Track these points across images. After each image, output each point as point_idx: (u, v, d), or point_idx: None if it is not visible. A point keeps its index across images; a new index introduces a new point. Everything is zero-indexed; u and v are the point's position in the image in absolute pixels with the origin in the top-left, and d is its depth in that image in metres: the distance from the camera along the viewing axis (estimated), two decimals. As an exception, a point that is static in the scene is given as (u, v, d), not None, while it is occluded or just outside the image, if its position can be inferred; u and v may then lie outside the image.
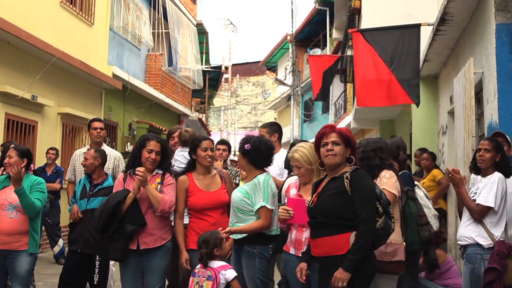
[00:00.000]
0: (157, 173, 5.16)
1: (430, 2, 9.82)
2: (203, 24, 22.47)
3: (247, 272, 4.71)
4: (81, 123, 12.40)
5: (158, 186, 5.05)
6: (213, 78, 27.66)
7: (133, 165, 5.14)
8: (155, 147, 5.10)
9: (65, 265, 6.02)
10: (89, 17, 12.86)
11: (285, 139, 28.48)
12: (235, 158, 14.86)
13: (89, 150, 6.22)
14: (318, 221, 3.94)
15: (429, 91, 9.94)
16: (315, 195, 4.06)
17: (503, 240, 4.59)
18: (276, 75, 34.45)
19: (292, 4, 26.25)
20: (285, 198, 4.90)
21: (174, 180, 5.19)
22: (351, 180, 3.85)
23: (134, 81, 14.84)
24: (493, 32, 5.90)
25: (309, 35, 26.38)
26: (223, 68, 30.83)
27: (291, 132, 26.78)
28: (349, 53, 13.96)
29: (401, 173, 5.71)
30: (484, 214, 4.68)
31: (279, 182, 5.43)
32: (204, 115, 28.03)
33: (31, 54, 10.43)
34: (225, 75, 35.52)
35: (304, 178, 4.68)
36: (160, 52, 17.33)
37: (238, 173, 6.61)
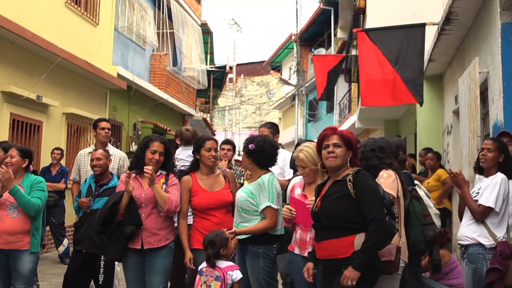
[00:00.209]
0: (161, 173, 5.16)
1: (435, 1, 9.80)
2: (208, 24, 22.49)
3: (252, 272, 4.71)
4: (86, 123, 12.43)
5: (163, 186, 5.06)
6: (218, 78, 27.67)
7: (137, 166, 5.15)
8: (158, 148, 5.10)
9: (70, 265, 6.02)
10: (94, 17, 12.88)
11: (289, 139, 28.56)
12: (240, 158, 14.86)
13: (98, 150, 6.19)
14: (323, 224, 3.95)
15: (434, 90, 9.92)
16: (318, 198, 4.06)
17: (505, 241, 4.58)
18: (281, 75, 34.46)
19: (297, 3, 26.24)
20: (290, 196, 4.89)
21: (178, 180, 5.20)
22: (354, 182, 3.85)
23: (138, 81, 14.85)
24: (498, 31, 5.88)
25: (313, 34, 26.38)
26: (227, 68, 30.88)
27: (295, 132, 26.78)
28: (353, 52, 13.95)
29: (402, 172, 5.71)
30: (486, 214, 4.67)
31: (283, 182, 5.42)
32: (208, 115, 28.05)
33: (36, 54, 10.45)
34: (229, 75, 35.57)
35: (309, 178, 4.67)
36: (165, 52, 17.34)
37: (243, 173, 6.62)
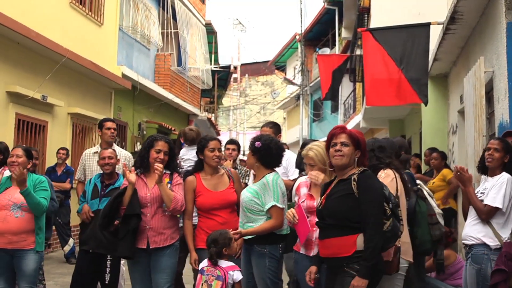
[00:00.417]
0: (165, 173, 5.17)
1: (440, 1, 9.79)
2: (212, 24, 22.49)
3: (257, 272, 4.71)
4: (91, 123, 12.45)
5: (168, 186, 5.06)
6: (222, 77, 27.68)
7: (141, 165, 5.16)
8: (163, 147, 5.11)
9: (77, 265, 6.03)
10: (99, 17, 12.90)
11: (294, 139, 28.55)
12: (245, 158, 14.86)
13: (108, 149, 6.20)
14: (326, 222, 3.95)
15: (439, 90, 9.90)
16: (323, 197, 4.07)
17: (511, 242, 4.56)
18: (285, 74, 34.43)
19: (301, 3, 26.22)
20: (295, 197, 4.89)
21: (182, 180, 5.22)
22: (358, 182, 3.85)
23: (143, 81, 14.87)
24: (503, 30, 5.87)
25: (318, 34, 26.36)
26: (232, 67, 30.86)
27: (300, 132, 26.76)
28: (358, 52, 13.93)
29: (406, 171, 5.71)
30: (492, 214, 4.66)
31: (288, 182, 5.42)
32: (213, 114, 28.06)
33: (41, 55, 10.47)
34: (234, 75, 35.56)
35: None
36: (169, 52, 17.36)
37: (248, 172, 6.62)
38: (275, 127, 6.39)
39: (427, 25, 8.00)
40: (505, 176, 4.69)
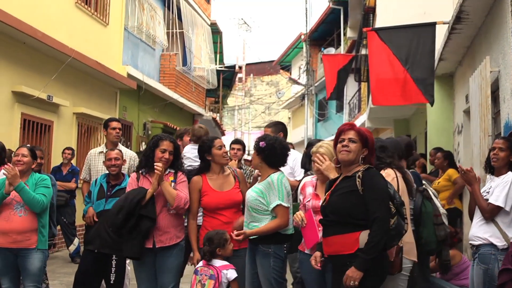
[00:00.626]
0: (169, 172, 5.18)
1: (446, 0, 9.76)
2: (217, 23, 22.50)
3: (262, 272, 4.71)
4: (96, 122, 12.48)
5: (172, 184, 5.07)
6: (227, 77, 27.69)
7: (146, 165, 5.17)
8: (168, 146, 5.12)
9: (80, 264, 6.04)
10: (104, 17, 12.93)
11: (299, 139, 28.53)
12: (249, 158, 14.86)
13: (115, 150, 6.21)
14: (329, 219, 3.95)
15: (444, 90, 9.87)
16: (327, 193, 4.06)
17: None
18: (290, 74, 34.42)
19: (306, 3, 26.21)
20: (300, 195, 4.89)
21: (186, 178, 5.22)
22: (363, 179, 3.84)
23: (148, 81, 14.89)
24: (509, 30, 5.85)
25: (323, 34, 26.32)
26: (237, 67, 30.85)
27: (305, 132, 26.75)
28: (363, 52, 13.90)
29: (410, 172, 5.69)
30: (495, 213, 4.64)
31: (293, 183, 5.41)
32: (218, 114, 28.07)
33: (46, 54, 10.50)
34: (239, 75, 35.55)
35: (323, 175, 4.66)
36: (175, 52, 17.38)
37: (253, 172, 6.61)
38: (275, 127, 6.32)
39: (433, 24, 7.98)
40: (510, 176, 4.67)
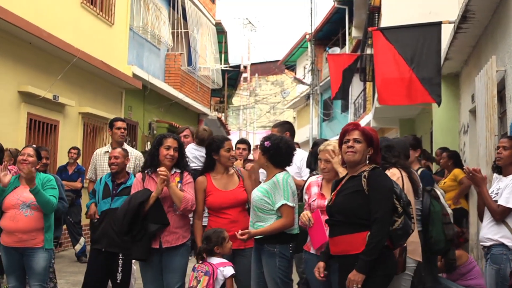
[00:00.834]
0: (175, 172, 5.18)
1: (451, -1, 9.73)
2: (222, 23, 22.51)
3: (268, 272, 4.71)
4: (101, 122, 12.50)
5: (178, 185, 5.07)
6: (232, 77, 27.70)
7: (151, 164, 5.17)
8: (172, 143, 5.12)
9: (90, 264, 6.04)
10: (109, 17, 12.95)
11: (304, 138, 28.51)
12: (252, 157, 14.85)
13: (116, 149, 6.22)
14: (336, 219, 3.94)
15: (450, 89, 9.84)
16: (333, 193, 4.06)
17: None
18: (295, 74, 34.41)
19: (311, 2, 26.22)
20: (305, 195, 4.88)
21: (192, 178, 5.22)
22: (368, 179, 3.84)
23: (153, 80, 14.91)
24: (516, 29, 5.83)
25: (328, 33, 26.31)
26: (242, 67, 30.85)
27: (310, 131, 26.73)
28: (368, 51, 13.89)
29: (421, 171, 5.68)
30: (506, 215, 4.62)
31: (299, 182, 5.41)
32: (223, 114, 28.09)
33: (52, 54, 10.53)
34: (244, 74, 35.55)
35: (330, 174, 4.66)
36: (180, 51, 17.40)
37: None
38: (281, 127, 6.29)
39: (439, 24, 7.95)
40: None
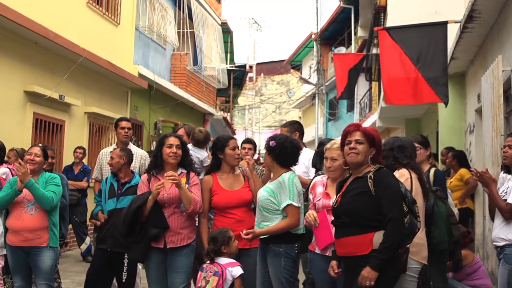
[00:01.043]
0: (181, 172, 5.18)
1: (457, -1, 9.71)
2: (228, 23, 22.53)
3: (273, 271, 4.71)
4: (107, 122, 12.52)
5: (186, 186, 5.07)
6: (238, 77, 27.72)
7: (155, 165, 5.19)
8: (174, 141, 5.13)
9: (93, 263, 6.06)
10: (115, 17, 12.97)
11: (309, 138, 28.46)
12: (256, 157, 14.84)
13: (115, 149, 6.27)
14: (342, 221, 3.94)
15: (456, 89, 9.82)
16: (339, 194, 4.05)
17: None
18: (301, 73, 34.38)
19: (317, 2, 26.21)
20: (310, 195, 4.88)
21: (199, 179, 5.23)
22: (374, 180, 3.83)
23: (159, 80, 14.92)
24: (522, 29, 5.81)
25: (333, 33, 26.28)
26: (247, 67, 30.90)
27: (315, 131, 26.71)
28: (374, 51, 13.88)
29: (435, 170, 5.69)
30: None
31: (306, 181, 5.39)
32: (228, 114, 28.11)
33: (58, 54, 10.56)
34: (249, 74, 35.57)
35: (335, 173, 4.64)
36: (185, 51, 17.41)
37: (263, 172, 6.60)
38: (290, 126, 6.27)
39: (445, 23, 7.93)
40: None
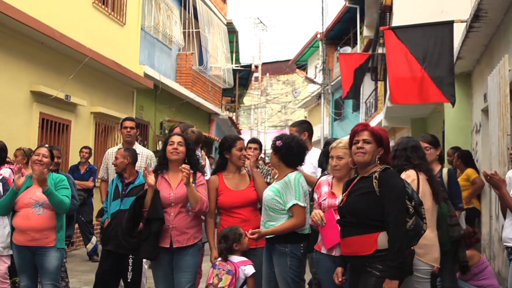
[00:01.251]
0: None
1: (463, -2, 9.68)
2: (233, 23, 22.54)
3: (279, 271, 4.71)
4: (113, 122, 12.55)
5: (192, 185, 5.07)
6: (243, 77, 27.73)
7: (160, 164, 5.22)
8: (175, 139, 5.13)
9: (101, 264, 6.07)
10: (121, 17, 13.00)
11: (315, 138, 28.35)
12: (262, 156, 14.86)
13: (120, 149, 6.29)
14: (347, 220, 3.94)
15: (462, 88, 9.79)
16: (345, 194, 4.05)
17: None
18: (306, 73, 34.34)
19: (323, 2, 26.13)
20: (315, 194, 4.87)
21: (205, 179, 5.23)
22: (380, 180, 3.82)
23: (165, 80, 14.95)
24: (528, 28, 5.79)
25: (339, 33, 26.24)
26: (253, 67, 30.89)
27: (321, 131, 26.68)
28: (380, 51, 13.84)
29: (448, 169, 5.70)
30: None
31: (314, 180, 5.38)
32: (234, 114, 28.11)
33: (64, 54, 10.59)
34: (255, 74, 35.60)
35: (341, 171, 4.64)
36: (191, 51, 17.43)
37: (269, 171, 6.60)
38: (299, 126, 6.22)
39: (451, 23, 7.91)
40: None
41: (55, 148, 7.07)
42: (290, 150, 4.80)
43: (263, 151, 9.12)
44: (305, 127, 6.22)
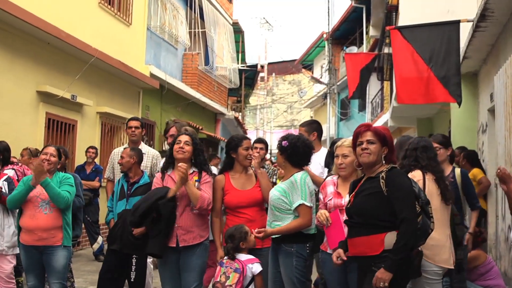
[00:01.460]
0: (193, 171, 5.19)
1: (470, -2, 9.65)
2: (239, 23, 22.55)
3: (285, 271, 4.71)
4: (119, 122, 12.58)
5: (196, 184, 5.08)
6: (249, 77, 27.73)
7: (167, 163, 5.23)
8: (183, 138, 5.15)
9: (104, 263, 6.09)
10: (127, 17, 13.03)
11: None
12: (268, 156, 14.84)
13: (125, 149, 6.30)
14: (354, 221, 3.93)
15: (468, 88, 9.76)
16: (352, 194, 4.05)
17: None
18: (312, 73, 34.31)
19: (329, 2, 26.10)
20: (320, 194, 4.87)
21: (211, 178, 5.23)
22: (386, 180, 3.81)
23: (171, 80, 14.97)
24: (535, 27, 5.77)
25: (345, 33, 26.21)
26: (259, 66, 30.90)
27: (327, 131, 26.66)
28: (386, 50, 13.82)
29: (461, 169, 5.68)
30: None
31: (320, 180, 5.37)
32: (240, 113, 28.12)
33: (70, 54, 10.62)
34: (261, 74, 35.60)
35: (347, 170, 4.63)
36: (197, 51, 17.45)
37: (275, 171, 6.60)
38: (308, 126, 6.20)
39: (457, 22, 7.89)
40: None
41: (61, 148, 7.09)
42: (296, 150, 4.80)
43: (269, 151, 9.11)
44: (314, 127, 6.20)
